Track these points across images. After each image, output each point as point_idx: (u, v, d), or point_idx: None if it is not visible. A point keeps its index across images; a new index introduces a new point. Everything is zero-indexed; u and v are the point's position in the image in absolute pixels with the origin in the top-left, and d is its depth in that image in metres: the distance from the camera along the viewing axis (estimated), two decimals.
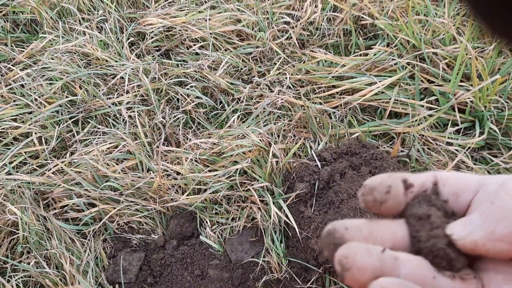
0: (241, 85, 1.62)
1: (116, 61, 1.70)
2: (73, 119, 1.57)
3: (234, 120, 1.52)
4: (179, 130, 1.52)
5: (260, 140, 1.38)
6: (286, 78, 1.58)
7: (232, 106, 1.57)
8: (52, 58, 1.71)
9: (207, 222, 1.35)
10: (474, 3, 0.25)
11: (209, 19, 1.75)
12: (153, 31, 1.79)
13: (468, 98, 1.42)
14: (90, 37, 1.79)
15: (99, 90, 1.61)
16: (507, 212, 0.26)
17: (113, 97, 1.60)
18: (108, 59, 1.70)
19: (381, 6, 1.73)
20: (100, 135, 1.52)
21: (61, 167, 1.42)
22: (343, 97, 1.50)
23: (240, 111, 1.54)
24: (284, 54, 1.67)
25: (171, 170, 1.39)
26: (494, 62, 1.49)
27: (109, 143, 1.47)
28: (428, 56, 1.54)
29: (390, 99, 1.45)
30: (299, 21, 1.74)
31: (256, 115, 1.52)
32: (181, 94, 1.59)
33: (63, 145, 1.53)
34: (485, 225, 0.27)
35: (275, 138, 1.42)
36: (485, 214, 0.27)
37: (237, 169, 1.34)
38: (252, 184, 1.32)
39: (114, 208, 1.34)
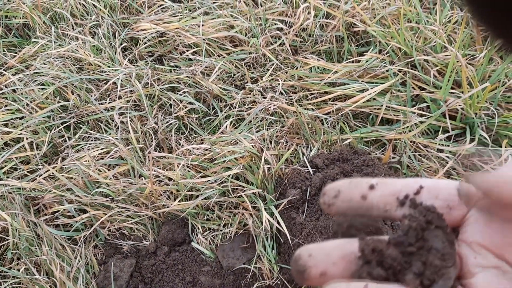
0: (234, 91, 1.62)
1: (109, 67, 1.70)
2: (65, 125, 1.56)
3: (226, 126, 1.52)
4: (171, 135, 1.51)
5: (252, 146, 1.38)
6: (279, 84, 1.59)
7: (225, 112, 1.57)
8: (44, 63, 1.70)
9: (198, 228, 1.34)
10: (472, 2, 0.25)
11: (202, 25, 1.76)
12: (146, 37, 1.79)
13: (459, 105, 1.43)
14: (82, 42, 1.79)
15: (91, 96, 1.61)
16: None
17: (105, 103, 1.60)
18: (100, 64, 1.69)
19: (373, 13, 1.75)
20: (92, 140, 1.52)
21: (52, 173, 1.41)
22: (335, 104, 1.51)
23: (232, 117, 1.55)
24: (277, 60, 1.68)
25: (163, 176, 1.39)
26: (485, 69, 1.50)
27: (101, 149, 1.46)
28: (419, 63, 1.55)
29: (381, 105, 1.46)
30: (292, 28, 1.75)
31: (249, 121, 1.52)
32: (173, 100, 1.59)
33: (55, 150, 1.52)
34: None
35: (267, 144, 1.43)
36: None
37: (229, 175, 1.34)
38: (244, 190, 1.32)
39: (105, 214, 1.34)
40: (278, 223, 1.25)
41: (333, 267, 0.29)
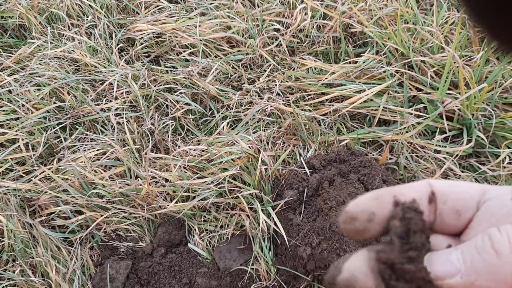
0: (230, 92, 1.62)
1: (105, 67, 1.69)
2: (60, 125, 1.55)
3: (223, 127, 1.51)
4: (168, 136, 1.51)
5: (249, 147, 1.38)
6: (276, 85, 1.59)
7: (222, 113, 1.56)
8: (40, 64, 1.70)
9: (195, 229, 1.34)
10: (469, 2, 0.25)
11: (199, 26, 1.75)
12: (142, 37, 1.78)
13: (456, 106, 1.43)
14: (79, 42, 1.78)
15: (88, 96, 1.60)
16: (489, 268, 0.26)
17: (102, 103, 1.59)
18: (97, 65, 1.69)
19: (370, 14, 1.75)
20: (88, 141, 1.51)
21: (48, 174, 1.41)
22: (332, 105, 1.50)
23: (229, 118, 1.54)
24: (274, 61, 1.68)
25: (160, 177, 1.38)
26: (482, 70, 1.50)
27: (97, 150, 1.45)
28: (416, 64, 1.55)
29: (379, 106, 1.46)
30: (289, 29, 1.75)
31: (246, 122, 1.51)
32: (170, 101, 1.58)
33: (50, 151, 1.51)
34: (466, 274, 0.27)
35: (264, 145, 1.42)
36: (468, 263, 0.27)
37: (226, 176, 1.34)
38: (241, 191, 1.32)
39: (102, 215, 1.33)
40: (275, 224, 1.25)
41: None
